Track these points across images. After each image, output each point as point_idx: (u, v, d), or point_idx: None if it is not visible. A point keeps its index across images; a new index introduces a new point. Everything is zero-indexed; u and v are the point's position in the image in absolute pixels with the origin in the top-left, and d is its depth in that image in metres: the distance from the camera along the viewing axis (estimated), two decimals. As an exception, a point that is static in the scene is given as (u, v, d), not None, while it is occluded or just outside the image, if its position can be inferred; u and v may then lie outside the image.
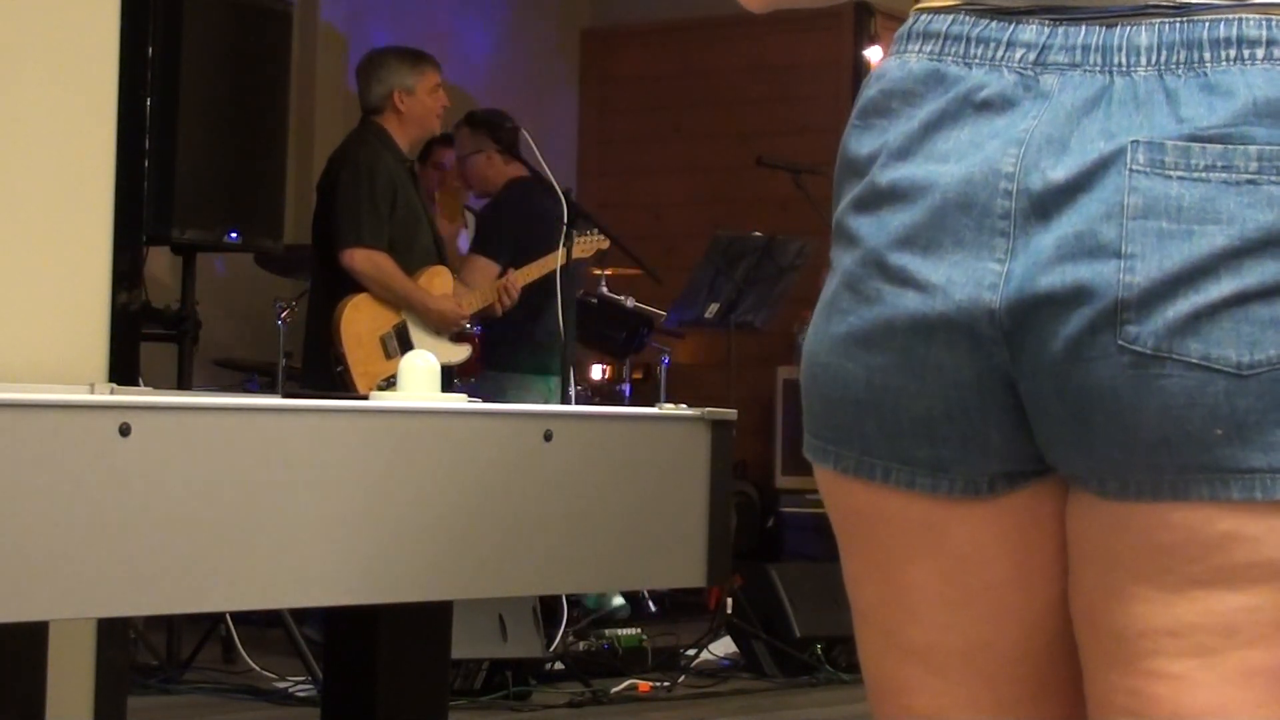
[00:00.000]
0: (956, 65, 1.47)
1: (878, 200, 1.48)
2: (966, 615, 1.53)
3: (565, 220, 6.48)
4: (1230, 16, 1.40)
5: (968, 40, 1.47)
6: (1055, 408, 1.43)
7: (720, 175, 9.27)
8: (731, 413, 2.60)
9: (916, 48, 1.49)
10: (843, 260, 1.50)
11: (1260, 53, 1.39)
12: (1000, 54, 1.45)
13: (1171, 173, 1.39)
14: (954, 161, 1.44)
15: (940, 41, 1.48)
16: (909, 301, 1.45)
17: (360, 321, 6.31)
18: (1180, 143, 1.39)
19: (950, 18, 1.48)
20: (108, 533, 2.05)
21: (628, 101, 9.86)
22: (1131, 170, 1.39)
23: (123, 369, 3.34)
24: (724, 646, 6.31)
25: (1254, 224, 1.37)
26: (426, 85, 6.54)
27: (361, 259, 6.27)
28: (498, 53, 9.53)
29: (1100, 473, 1.44)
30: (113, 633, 3.31)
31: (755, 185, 8.35)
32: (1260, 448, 1.38)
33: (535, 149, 6.56)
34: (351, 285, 6.31)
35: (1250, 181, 1.38)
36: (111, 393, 2.91)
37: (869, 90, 1.51)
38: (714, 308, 7.29)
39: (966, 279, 1.43)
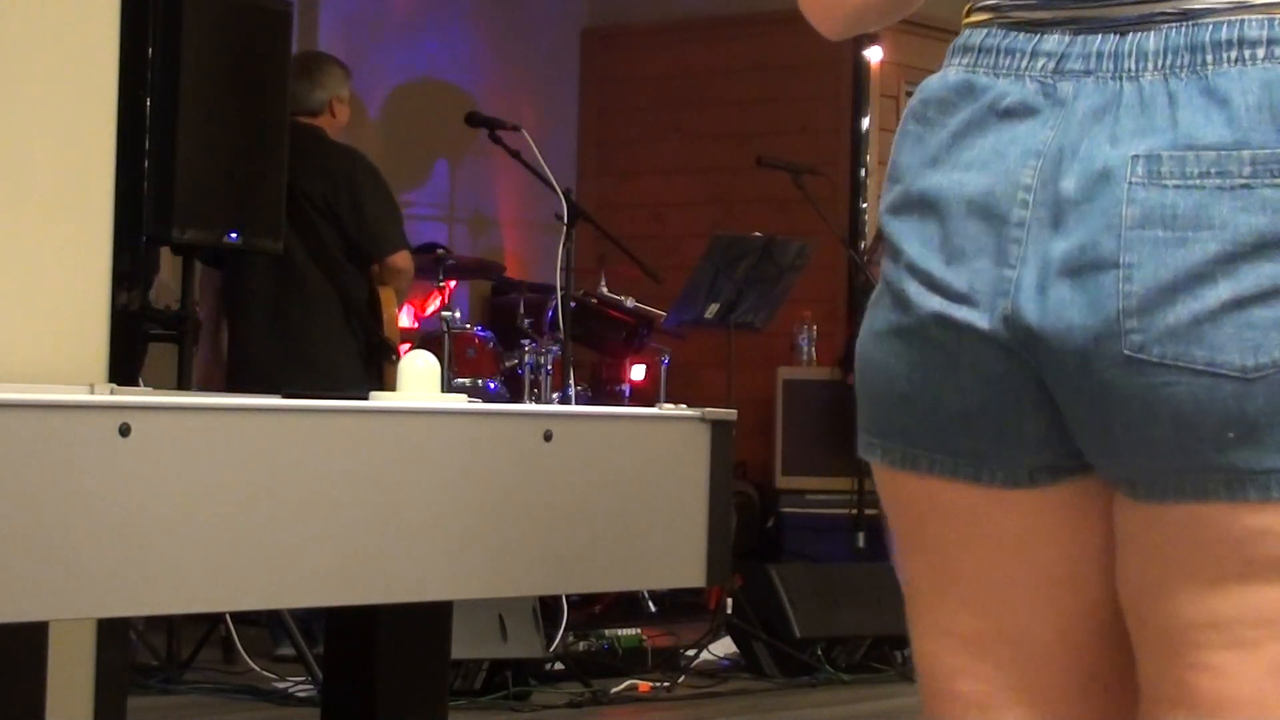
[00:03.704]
0: (986, 76, 1.52)
1: (909, 207, 1.54)
2: (1014, 604, 1.56)
3: (565, 220, 6.49)
4: (1233, 18, 1.43)
5: (997, 51, 1.52)
6: (1077, 412, 1.47)
7: (720, 175, 9.26)
8: (731, 413, 2.60)
9: (957, 61, 1.55)
10: (885, 262, 1.56)
11: (1261, 52, 1.42)
12: (1025, 64, 1.50)
13: (1167, 182, 1.42)
14: (977, 170, 1.49)
15: (975, 54, 1.54)
16: (936, 304, 1.50)
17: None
18: (1176, 152, 1.42)
19: (985, 31, 1.54)
20: (108, 533, 2.04)
21: (628, 101, 9.85)
22: (1130, 183, 1.42)
23: (123, 369, 3.33)
24: (724, 646, 6.30)
25: (1246, 228, 1.39)
26: (349, 96, 6.78)
27: (410, 260, 6.64)
28: (498, 53, 9.52)
29: (1128, 475, 1.47)
30: (113, 633, 3.30)
31: (755, 185, 8.35)
32: (1274, 449, 1.40)
33: (535, 149, 6.57)
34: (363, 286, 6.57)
35: (1244, 186, 1.40)
36: (111, 393, 2.91)
37: (913, 99, 1.57)
38: (714, 308, 7.28)
39: (985, 285, 1.47)
